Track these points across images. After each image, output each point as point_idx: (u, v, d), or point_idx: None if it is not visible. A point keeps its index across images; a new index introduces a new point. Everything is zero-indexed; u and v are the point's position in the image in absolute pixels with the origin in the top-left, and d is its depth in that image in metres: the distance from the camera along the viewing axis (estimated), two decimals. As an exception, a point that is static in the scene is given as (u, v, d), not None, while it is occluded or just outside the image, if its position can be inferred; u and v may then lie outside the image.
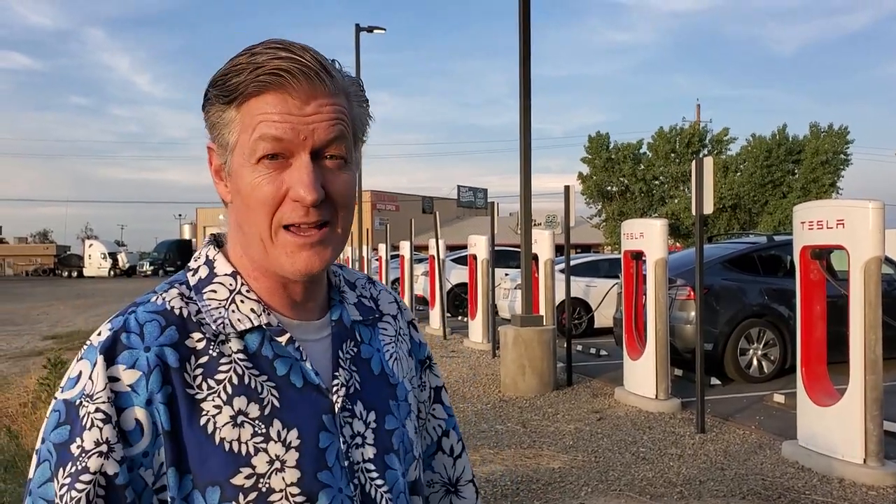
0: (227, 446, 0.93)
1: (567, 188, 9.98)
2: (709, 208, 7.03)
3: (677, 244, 38.46)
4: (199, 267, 1.04)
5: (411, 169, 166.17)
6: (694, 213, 7.19)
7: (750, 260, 10.05)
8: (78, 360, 0.95)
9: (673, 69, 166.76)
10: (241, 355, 0.98)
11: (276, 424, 0.96)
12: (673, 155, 42.38)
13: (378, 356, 1.12)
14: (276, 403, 0.97)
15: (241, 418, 0.95)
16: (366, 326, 1.13)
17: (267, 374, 0.98)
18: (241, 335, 0.99)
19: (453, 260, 19.50)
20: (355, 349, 1.09)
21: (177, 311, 0.98)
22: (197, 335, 0.97)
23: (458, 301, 18.56)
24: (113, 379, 0.92)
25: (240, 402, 0.95)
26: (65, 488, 0.88)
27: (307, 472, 0.96)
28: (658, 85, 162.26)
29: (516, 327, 9.14)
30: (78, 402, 0.91)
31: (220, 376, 0.96)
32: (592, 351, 12.26)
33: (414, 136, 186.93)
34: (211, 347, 0.97)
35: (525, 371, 8.90)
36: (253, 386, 0.97)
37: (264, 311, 1.00)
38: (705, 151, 41.78)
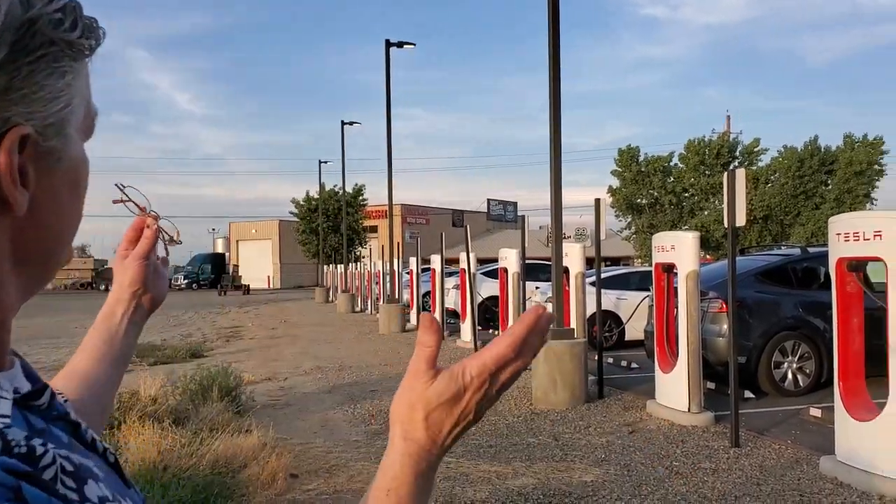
0: None
1: (598, 201, 9.96)
2: (741, 220, 6.97)
3: (707, 256, 38.08)
4: None
5: (441, 183, 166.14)
6: (726, 225, 7.14)
7: (784, 272, 9.95)
8: None
9: (705, 82, 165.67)
10: None
11: None
12: (703, 167, 42.07)
13: None
14: None
15: None
16: None
17: None
18: None
19: (484, 273, 19.47)
20: None
21: None
22: None
23: (489, 314, 18.52)
24: None
25: None
26: None
27: None
28: (690, 98, 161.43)
29: (547, 340, 9.10)
30: None
31: None
32: (623, 364, 12.20)
33: (445, 150, 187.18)
34: None
35: (556, 384, 8.87)
36: None
37: None
38: (736, 163, 41.39)
